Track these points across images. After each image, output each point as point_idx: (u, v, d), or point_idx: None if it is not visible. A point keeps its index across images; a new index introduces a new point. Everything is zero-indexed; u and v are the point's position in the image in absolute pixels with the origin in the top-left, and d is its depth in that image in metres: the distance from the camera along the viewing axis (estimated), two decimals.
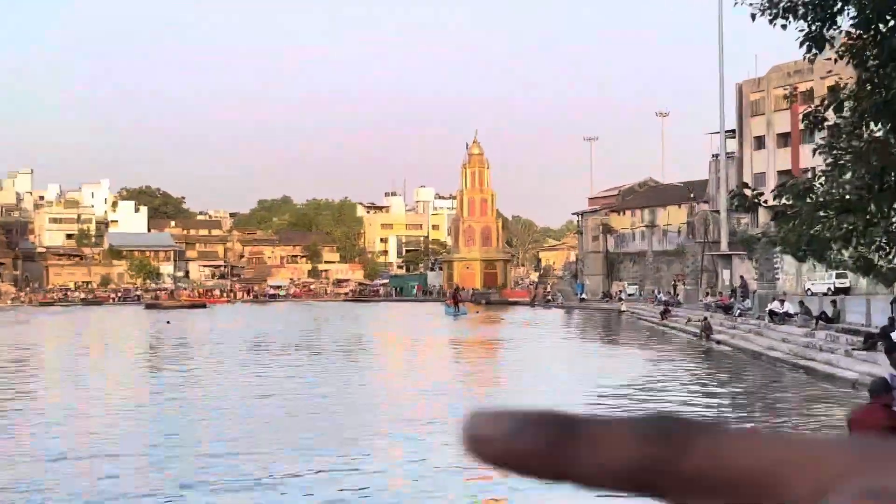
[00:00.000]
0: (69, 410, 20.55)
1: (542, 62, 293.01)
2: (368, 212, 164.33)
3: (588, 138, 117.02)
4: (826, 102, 13.14)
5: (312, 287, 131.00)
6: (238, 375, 27.94)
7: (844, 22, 12.38)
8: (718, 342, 36.88)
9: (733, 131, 68.48)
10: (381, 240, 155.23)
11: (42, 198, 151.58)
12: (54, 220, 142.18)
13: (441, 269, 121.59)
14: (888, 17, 12.00)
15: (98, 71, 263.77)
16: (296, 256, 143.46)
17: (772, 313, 36.46)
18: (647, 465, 0.26)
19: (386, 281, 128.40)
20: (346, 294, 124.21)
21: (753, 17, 12.72)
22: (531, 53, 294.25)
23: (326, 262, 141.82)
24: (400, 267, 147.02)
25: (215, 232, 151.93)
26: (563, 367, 30.52)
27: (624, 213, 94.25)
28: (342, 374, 28.02)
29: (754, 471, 0.25)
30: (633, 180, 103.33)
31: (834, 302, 33.24)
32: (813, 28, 12.31)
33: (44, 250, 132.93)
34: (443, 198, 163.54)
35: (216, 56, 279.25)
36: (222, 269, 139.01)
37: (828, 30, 12.35)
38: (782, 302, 37.10)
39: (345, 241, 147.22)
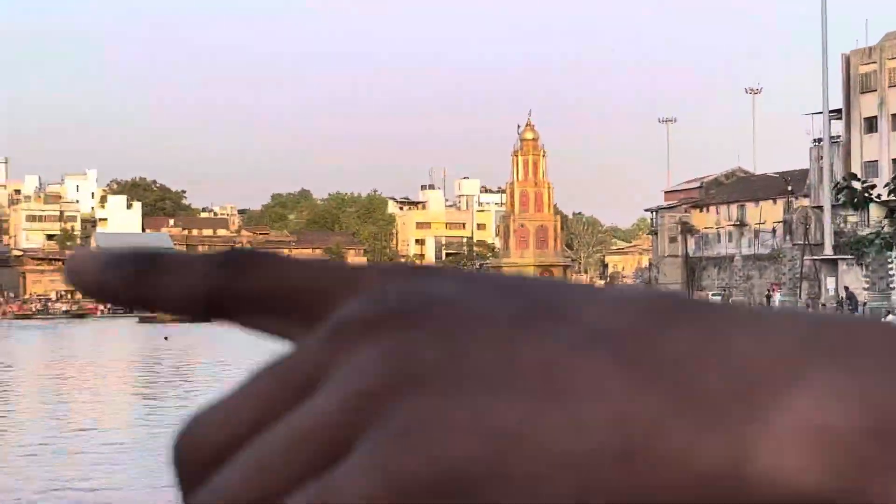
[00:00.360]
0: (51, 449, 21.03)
1: (607, 29, 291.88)
2: (402, 208, 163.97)
3: (664, 120, 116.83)
4: None
5: None
6: None
7: None
8: None
9: (839, 111, 67.80)
10: (417, 241, 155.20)
11: (18, 192, 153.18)
12: (32, 219, 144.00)
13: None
14: None
15: (83, 44, 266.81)
16: None
17: None
18: (215, 286, 0.34)
19: None
20: None
21: None
22: (593, 19, 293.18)
23: None
24: None
25: (221, 232, 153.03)
26: None
27: (707, 210, 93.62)
28: None
29: (300, 288, 0.34)
30: (718, 170, 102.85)
31: None
32: None
33: (20, 254, 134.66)
34: (490, 191, 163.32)
35: (223, 27, 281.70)
36: None
37: None
38: None
39: (373, 243, 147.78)
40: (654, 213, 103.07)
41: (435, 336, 0.31)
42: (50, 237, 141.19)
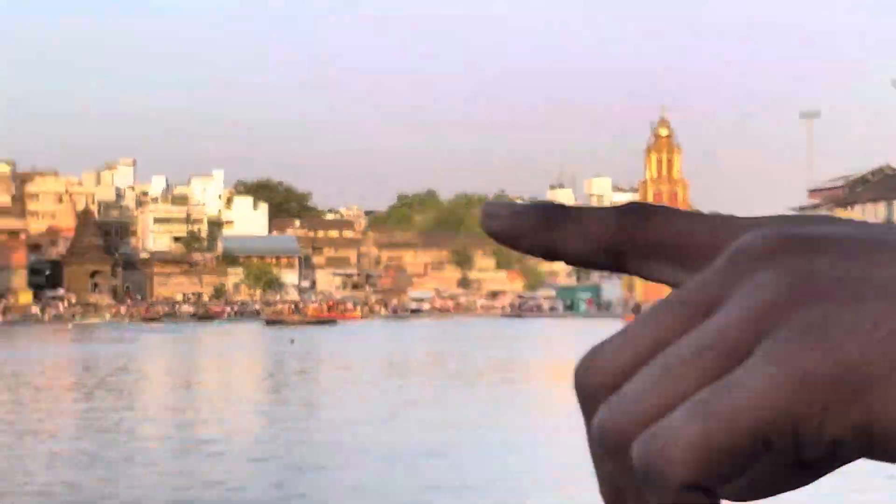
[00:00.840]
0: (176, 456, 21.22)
1: (744, 19, 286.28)
2: None
3: (806, 114, 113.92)
4: None
5: (461, 300, 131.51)
6: (379, 416, 28.00)
7: None
8: None
9: None
10: None
11: (146, 193, 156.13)
12: (160, 221, 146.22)
13: (620, 278, 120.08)
14: None
15: (210, 45, 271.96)
16: (442, 263, 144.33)
17: None
18: (618, 235, 0.39)
19: (551, 293, 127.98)
20: (501, 308, 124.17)
21: None
22: (728, 7, 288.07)
23: (479, 269, 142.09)
24: (568, 275, 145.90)
25: (347, 234, 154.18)
26: None
27: (852, 208, 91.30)
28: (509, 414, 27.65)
29: (698, 238, 0.38)
30: (865, 167, 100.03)
31: None
32: None
33: (147, 256, 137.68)
34: (622, 190, 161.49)
35: (348, 29, 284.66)
36: (355, 277, 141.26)
37: None
38: None
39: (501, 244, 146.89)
40: (799, 211, 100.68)
41: (830, 257, 0.35)
42: (176, 239, 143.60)
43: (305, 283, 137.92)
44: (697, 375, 0.34)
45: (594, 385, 0.37)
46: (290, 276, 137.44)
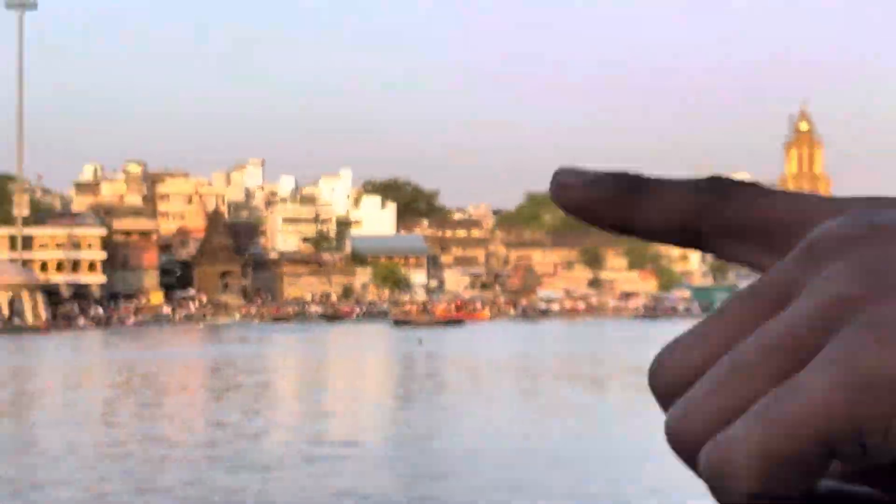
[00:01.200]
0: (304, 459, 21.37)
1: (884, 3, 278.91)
2: None
3: None
4: None
5: (592, 301, 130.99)
6: (507, 421, 27.96)
7: None
8: None
9: None
10: None
11: (274, 194, 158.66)
12: (288, 221, 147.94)
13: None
14: None
15: (330, 41, 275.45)
16: (571, 262, 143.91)
17: None
18: (696, 211, 0.38)
19: (686, 293, 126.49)
20: (633, 310, 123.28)
21: None
22: None
23: (610, 269, 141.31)
24: (704, 275, 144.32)
25: (475, 233, 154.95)
26: None
27: None
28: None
29: (780, 218, 0.37)
30: None
31: None
32: None
33: (277, 256, 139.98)
34: None
35: (478, 30, 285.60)
36: (483, 277, 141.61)
37: None
38: None
39: (632, 243, 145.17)
40: None
41: None
42: (305, 239, 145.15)
43: (433, 283, 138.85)
44: (764, 378, 0.33)
45: (665, 384, 0.37)
46: (417, 276, 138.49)
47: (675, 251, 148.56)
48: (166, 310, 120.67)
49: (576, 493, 16.97)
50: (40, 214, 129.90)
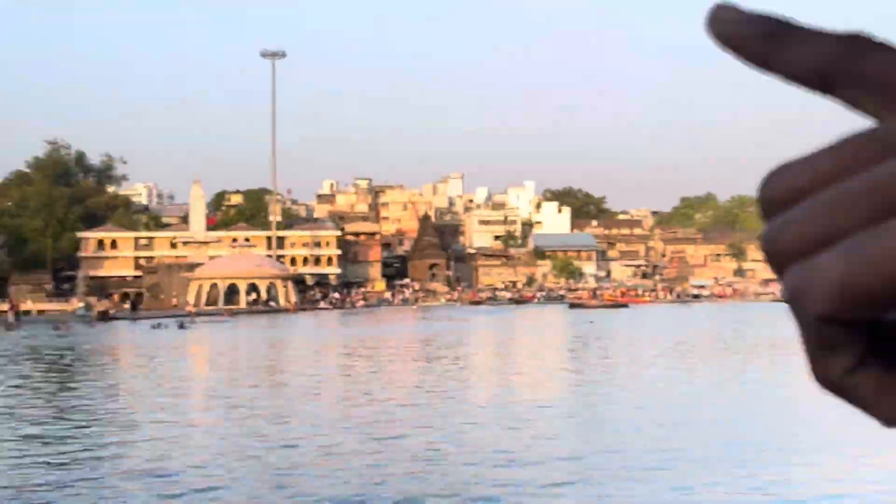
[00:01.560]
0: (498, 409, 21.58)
1: None
2: None
3: None
4: None
5: (737, 287, 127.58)
6: (668, 380, 27.91)
7: None
8: None
9: None
10: None
11: (471, 201, 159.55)
12: (483, 223, 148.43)
13: None
14: None
15: (514, 76, 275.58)
16: (719, 255, 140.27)
17: None
18: (834, 61, 0.35)
19: None
20: (772, 295, 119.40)
21: None
22: None
23: (752, 260, 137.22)
24: None
25: (636, 231, 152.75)
26: None
27: None
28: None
29: None
30: None
31: None
32: None
33: (473, 251, 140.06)
34: None
35: (627, 47, 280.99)
36: (644, 268, 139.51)
37: None
38: None
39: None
40: None
41: None
42: (496, 238, 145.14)
43: (602, 273, 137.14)
44: (859, 217, 0.31)
45: (770, 199, 0.35)
46: (588, 267, 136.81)
47: None
48: (387, 295, 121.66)
49: (733, 454, 16.26)
50: (290, 220, 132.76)
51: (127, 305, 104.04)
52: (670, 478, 14.09)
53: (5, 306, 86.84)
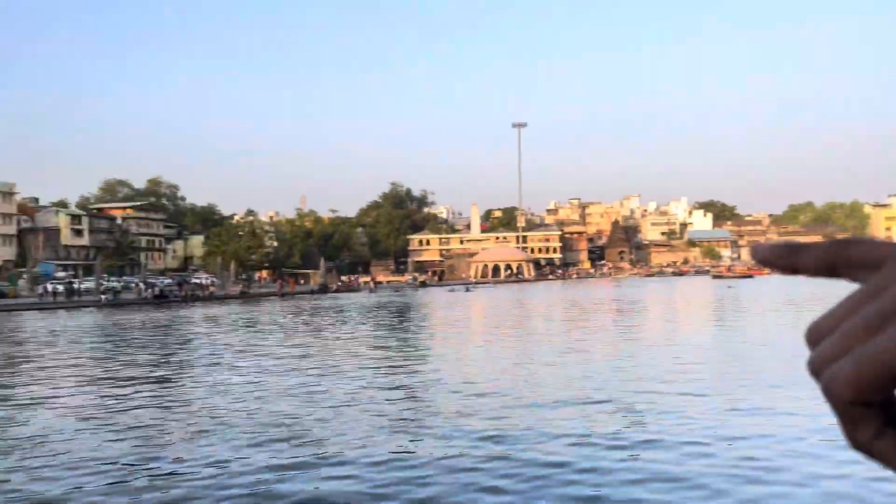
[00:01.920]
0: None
1: None
2: (874, 208, 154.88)
3: None
4: None
5: None
6: (779, 319, 27.60)
7: None
8: None
9: None
10: (886, 230, 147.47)
11: (646, 210, 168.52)
12: (653, 224, 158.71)
13: None
14: None
15: (671, 102, 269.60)
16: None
17: None
18: (831, 257, 0.40)
19: None
20: None
21: None
22: None
23: None
24: None
25: (758, 227, 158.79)
26: None
27: None
28: None
29: (881, 255, 0.39)
30: None
31: None
32: None
33: (647, 243, 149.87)
34: None
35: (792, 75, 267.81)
36: None
37: None
38: None
39: (855, 234, 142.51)
40: None
41: None
42: (662, 233, 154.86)
43: (734, 256, 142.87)
44: (864, 334, 0.35)
45: (812, 338, 0.40)
46: (725, 252, 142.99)
47: (882, 235, 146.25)
48: (592, 270, 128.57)
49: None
50: (530, 226, 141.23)
51: (436, 278, 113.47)
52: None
53: (368, 279, 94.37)
